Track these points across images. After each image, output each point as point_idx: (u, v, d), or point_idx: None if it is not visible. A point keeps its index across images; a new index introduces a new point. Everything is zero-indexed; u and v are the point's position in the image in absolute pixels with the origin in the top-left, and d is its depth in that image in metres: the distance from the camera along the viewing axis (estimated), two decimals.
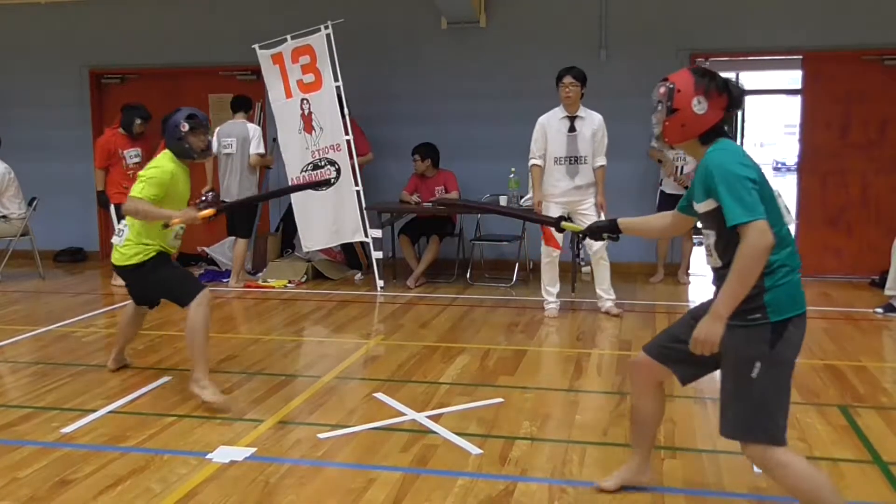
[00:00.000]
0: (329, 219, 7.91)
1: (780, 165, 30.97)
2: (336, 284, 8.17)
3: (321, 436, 3.95)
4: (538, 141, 6.58)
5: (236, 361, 5.33)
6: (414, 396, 4.54)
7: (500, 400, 4.46)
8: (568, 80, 6.43)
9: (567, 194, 6.55)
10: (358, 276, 8.44)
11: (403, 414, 4.25)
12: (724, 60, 10.09)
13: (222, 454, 3.71)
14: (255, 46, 7.95)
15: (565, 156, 6.49)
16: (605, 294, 6.71)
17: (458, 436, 3.91)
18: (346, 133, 7.71)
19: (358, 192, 7.77)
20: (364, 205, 7.80)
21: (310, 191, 7.82)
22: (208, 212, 4.50)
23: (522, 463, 3.63)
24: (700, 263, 9.10)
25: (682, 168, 7.90)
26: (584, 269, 8.44)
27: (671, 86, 2.83)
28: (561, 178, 6.51)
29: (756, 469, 3.53)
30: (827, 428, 4.06)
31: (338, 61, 7.68)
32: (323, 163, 7.84)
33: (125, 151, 8.07)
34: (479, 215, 8.42)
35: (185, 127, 4.49)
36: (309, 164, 7.87)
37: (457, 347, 5.66)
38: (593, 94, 6.68)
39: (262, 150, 8.01)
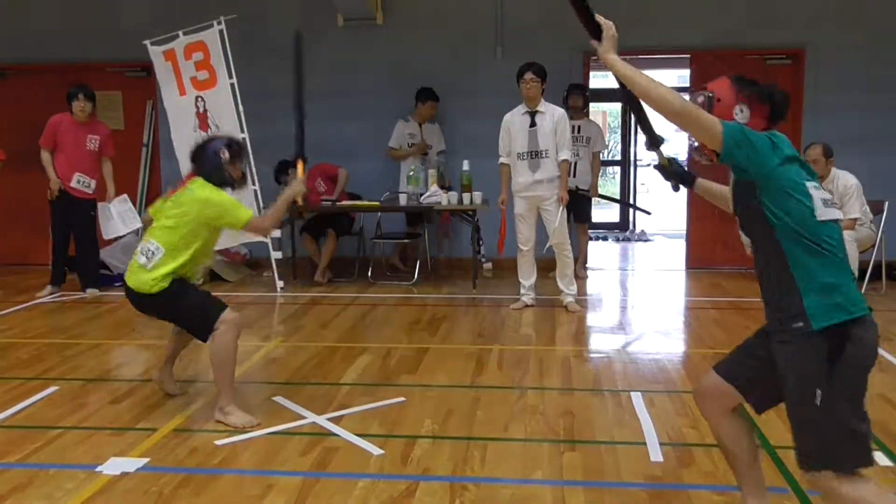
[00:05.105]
0: None
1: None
2: (234, 286, 8.00)
3: (218, 442, 3.84)
4: (503, 139, 6.67)
5: (127, 368, 5.14)
6: (314, 398, 4.47)
7: (402, 399, 4.44)
8: (529, 76, 6.46)
9: (530, 188, 6.59)
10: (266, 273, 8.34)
11: (303, 417, 4.19)
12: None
13: (113, 466, 3.57)
14: (147, 42, 7.70)
15: (526, 150, 6.55)
16: (566, 289, 6.74)
17: (359, 437, 3.87)
18: (242, 131, 7.54)
19: (255, 191, 7.62)
20: (263, 205, 7.65)
21: None
22: (300, 165, 4.51)
23: (424, 462, 3.61)
24: (596, 258, 9.33)
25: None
26: (485, 266, 8.53)
27: (710, 95, 2.64)
28: (523, 172, 6.58)
29: (653, 458, 3.63)
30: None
31: (232, 58, 7.51)
32: None
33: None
34: (378, 213, 8.34)
35: (226, 154, 4.19)
36: None
37: (358, 347, 5.61)
38: (491, 92, 6.74)
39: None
